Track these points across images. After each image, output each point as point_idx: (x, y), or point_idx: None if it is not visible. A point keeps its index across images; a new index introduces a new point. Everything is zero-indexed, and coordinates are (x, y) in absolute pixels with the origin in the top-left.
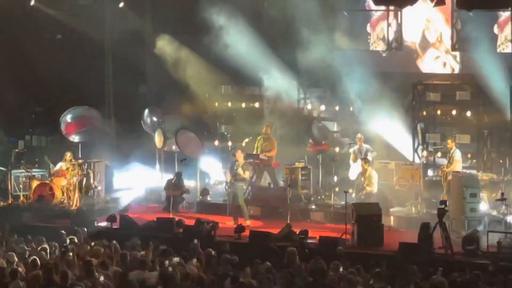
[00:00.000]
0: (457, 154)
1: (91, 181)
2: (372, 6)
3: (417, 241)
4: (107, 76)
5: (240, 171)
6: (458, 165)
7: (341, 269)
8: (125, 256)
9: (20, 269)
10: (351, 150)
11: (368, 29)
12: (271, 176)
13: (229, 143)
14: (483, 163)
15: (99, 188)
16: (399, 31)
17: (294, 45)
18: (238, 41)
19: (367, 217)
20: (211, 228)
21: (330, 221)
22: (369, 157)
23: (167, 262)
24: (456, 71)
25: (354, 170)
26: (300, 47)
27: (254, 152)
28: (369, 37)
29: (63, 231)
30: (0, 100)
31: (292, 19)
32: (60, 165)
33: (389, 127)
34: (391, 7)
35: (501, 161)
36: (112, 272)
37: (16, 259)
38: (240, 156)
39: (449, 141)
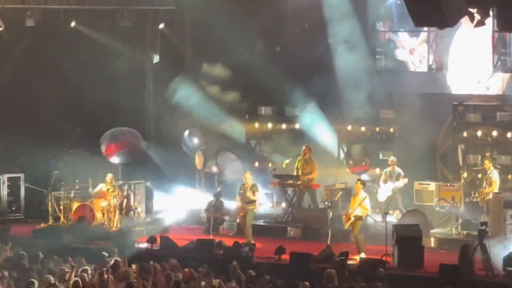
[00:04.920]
0: (495, 175)
1: (132, 202)
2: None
3: (458, 263)
4: (147, 97)
5: (249, 194)
6: (496, 186)
7: None
8: (170, 276)
9: None
10: (383, 171)
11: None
12: (311, 197)
13: (270, 165)
14: None
15: (139, 209)
16: (439, 52)
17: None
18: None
19: (408, 238)
20: (249, 250)
21: (371, 243)
22: (401, 181)
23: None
24: (497, 92)
25: (384, 191)
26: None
27: (295, 174)
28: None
29: (104, 253)
30: (41, 121)
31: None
32: (101, 186)
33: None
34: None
35: None
36: None
37: (52, 281)
38: (248, 177)
39: (486, 162)
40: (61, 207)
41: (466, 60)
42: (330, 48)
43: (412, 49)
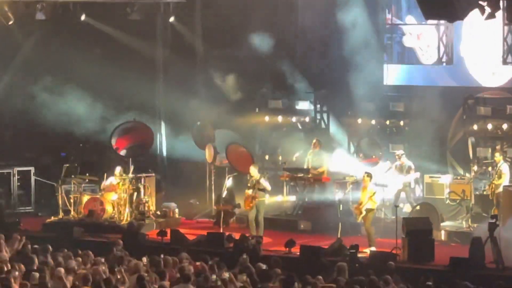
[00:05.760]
0: (505, 168)
1: (142, 195)
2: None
3: (468, 256)
4: (158, 91)
5: (262, 181)
6: (506, 178)
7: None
8: (183, 269)
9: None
10: (393, 164)
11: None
12: (321, 190)
13: (280, 158)
14: None
15: (149, 202)
16: (449, 45)
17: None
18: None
19: (418, 231)
20: (256, 243)
21: (381, 236)
22: (412, 174)
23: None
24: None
25: (393, 185)
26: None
27: (305, 167)
28: (420, 50)
29: (113, 246)
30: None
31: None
32: (111, 179)
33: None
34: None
35: None
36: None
37: (63, 274)
38: (253, 171)
39: (497, 154)
40: (72, 201)
41: (476, 51)
42: (341, 41)
43: (419, 34)
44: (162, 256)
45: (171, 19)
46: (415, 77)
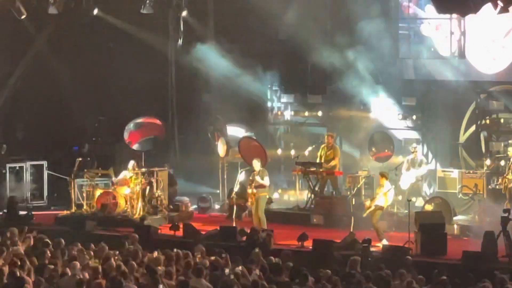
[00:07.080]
0: None
1: (154, 189)
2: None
3: (481, 250)
4: (170, 85)
5: (257, 178)
6: None
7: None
8: (190, 264)
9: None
10: (405, 159)
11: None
12: (333, 185)
13: (292, 152)
14: None
15: (162, 196)
16: (462, 39)
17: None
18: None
19: (430, 225)
20: (267, 236)
21: (393, 230)
22: (423, 168)
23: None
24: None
25: (406, 179)
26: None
27: (318, 161)
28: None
29: (125, 240)
30: (63, 108)
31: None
32: (124, 173)
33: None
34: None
35: None
36: (175, 281)
37: (79, 268)
38: (256, 164)
39: (509, 149)
40: (84, 195)
41: (484, 45)
42: (353, 34)
43: (438, 25)
44: (174, 250)
45: (184, 13)
46: (427, 71)
